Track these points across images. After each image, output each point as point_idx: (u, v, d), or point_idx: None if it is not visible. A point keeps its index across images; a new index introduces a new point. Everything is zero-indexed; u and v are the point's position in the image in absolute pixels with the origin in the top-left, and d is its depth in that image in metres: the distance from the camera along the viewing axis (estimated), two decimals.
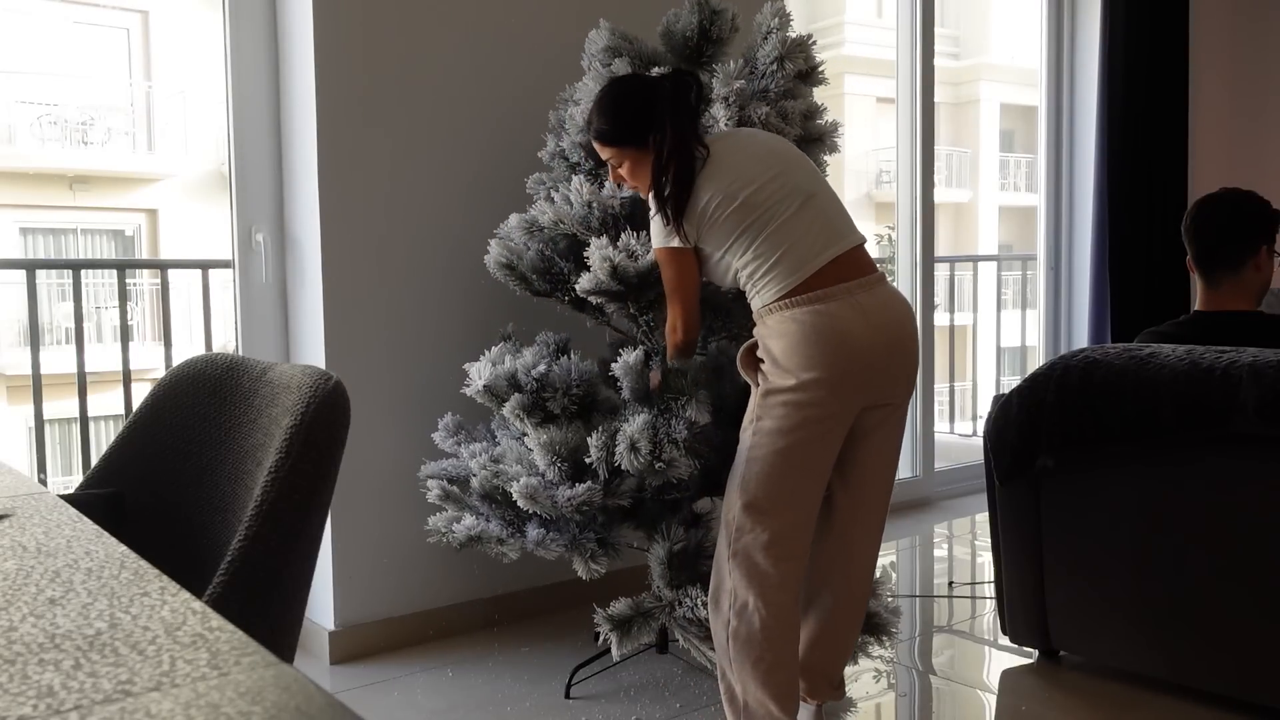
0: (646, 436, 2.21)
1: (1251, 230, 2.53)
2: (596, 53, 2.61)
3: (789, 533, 2.00)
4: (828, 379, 1.92)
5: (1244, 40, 5.43)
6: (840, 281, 1.96)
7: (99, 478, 1.66)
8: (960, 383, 7.21)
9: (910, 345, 2.04)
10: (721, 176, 2.01)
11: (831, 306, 1.93)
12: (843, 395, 1.96)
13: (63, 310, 10.04)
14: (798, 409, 1.95)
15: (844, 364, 1.93)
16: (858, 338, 1.94)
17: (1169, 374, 2.33)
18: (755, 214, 1.99)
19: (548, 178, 2.67)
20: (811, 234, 1.98)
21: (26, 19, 11.85)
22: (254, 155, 2.84)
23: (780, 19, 2.44)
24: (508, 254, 2.57)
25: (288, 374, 1.49)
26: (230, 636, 0.70)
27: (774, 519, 1.99)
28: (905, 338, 2.03)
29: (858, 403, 2.00)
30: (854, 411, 2.00)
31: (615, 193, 2.39)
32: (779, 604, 2.01)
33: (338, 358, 2.75)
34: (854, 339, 1.93)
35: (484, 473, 2.48)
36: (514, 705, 2.48)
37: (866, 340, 1.95)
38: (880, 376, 2.00)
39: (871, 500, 2.15)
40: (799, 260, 1.96)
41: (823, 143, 2.55)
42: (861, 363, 1.95)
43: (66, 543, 0.97)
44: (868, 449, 2.09)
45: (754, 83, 2.41)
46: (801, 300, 1.94)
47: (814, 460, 2.00)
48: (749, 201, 1.99)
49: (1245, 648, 2.30)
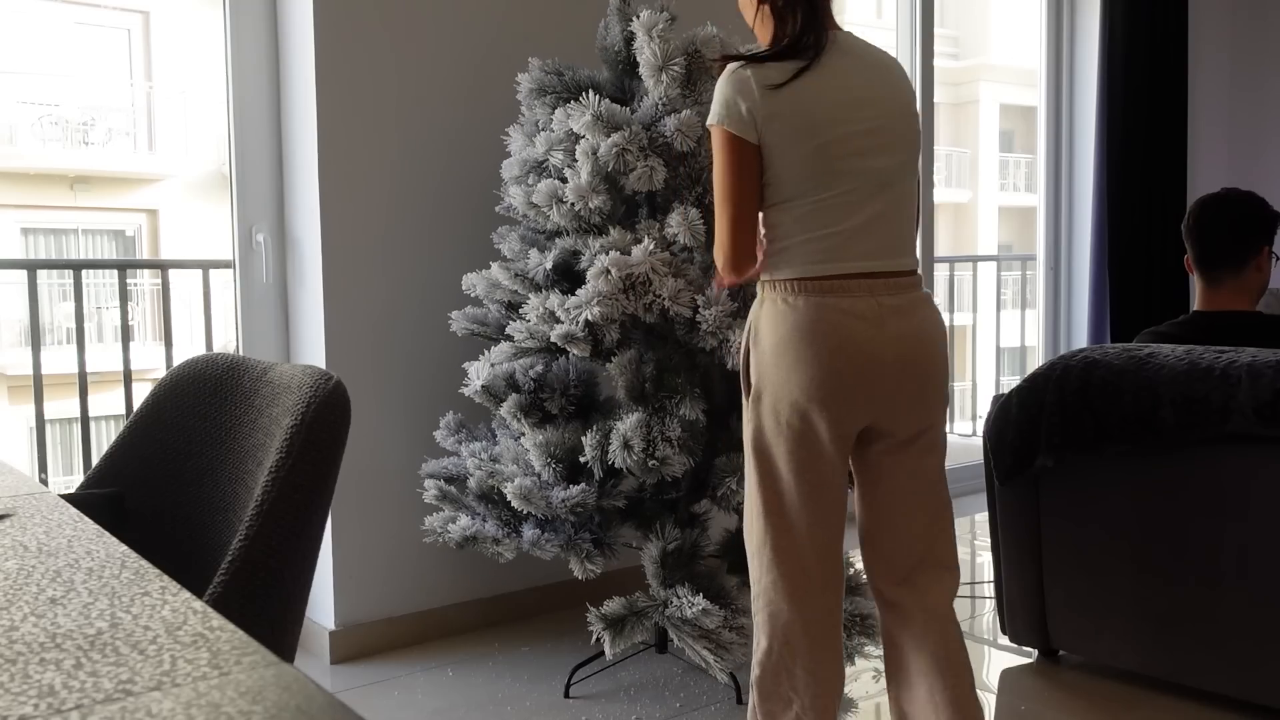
0: (640, 434, 2.21)
1: (1254, 230, 2.53)
2: (524, 95, 2.61)
3: (795, 560, 1.74)
4: (819, 387, 1.64)
5: (1244, 40, 5.43)
6: (863, 279, 1.66)
7: (100, 477, 1.66)
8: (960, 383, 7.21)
9: (930, 368, 1.70)
10: (812, 96, 1.64)
11: (843, 301, 1.64)
12: (842, 406, 1.65)
13: (64, 310, 10.04)
14: (791, 428, 1.67)
15: (839, 373, 1.64)
16: (864, 342, 1.64)
17: (1168, 374, 2.33)
18: (822, 169, 1.65)
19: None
20: (865, 234, 1.67)
21: (27, 19, 11.85)
22: (254, 155, 2.84)
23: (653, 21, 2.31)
24: (472, 324, 2.63)
25: (288, 374, 1.50)
26: (231, 636, 0.70)
27: (780, 552, 1.74)
28: (925, 359, 1.69)
29: (852, 423, 1.68)
30: (850, 433, 1.69)
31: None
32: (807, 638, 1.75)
33: (338, 358, 2.76)
34: (857, 342, 1.63)
35: (480, 473, 2.48)
36: (514, 705, 2.49)
37: (875, 348, 1.64)
38: (886, 397, 1.67)
39: (907, 552, 1.79)
40: (835, 251, 1.66)
41: None
42: (861, 373, 1.64)
43: (67, 542, 0.98)
44: (884, 492, 1.77)
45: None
46: (811, 288, 1.65)
47: (810, 489, 1.70)
48: (824, 149, 1.64)
49: (1245, 648, 2.30)
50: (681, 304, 2.24)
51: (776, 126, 1.63)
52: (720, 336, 2.23)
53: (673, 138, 2.28)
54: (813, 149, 1.63)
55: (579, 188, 2.32)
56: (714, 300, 2.22)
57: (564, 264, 2.44)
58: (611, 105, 2.33)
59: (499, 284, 2.53)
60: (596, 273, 2.24)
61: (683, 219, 2.26)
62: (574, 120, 2.34)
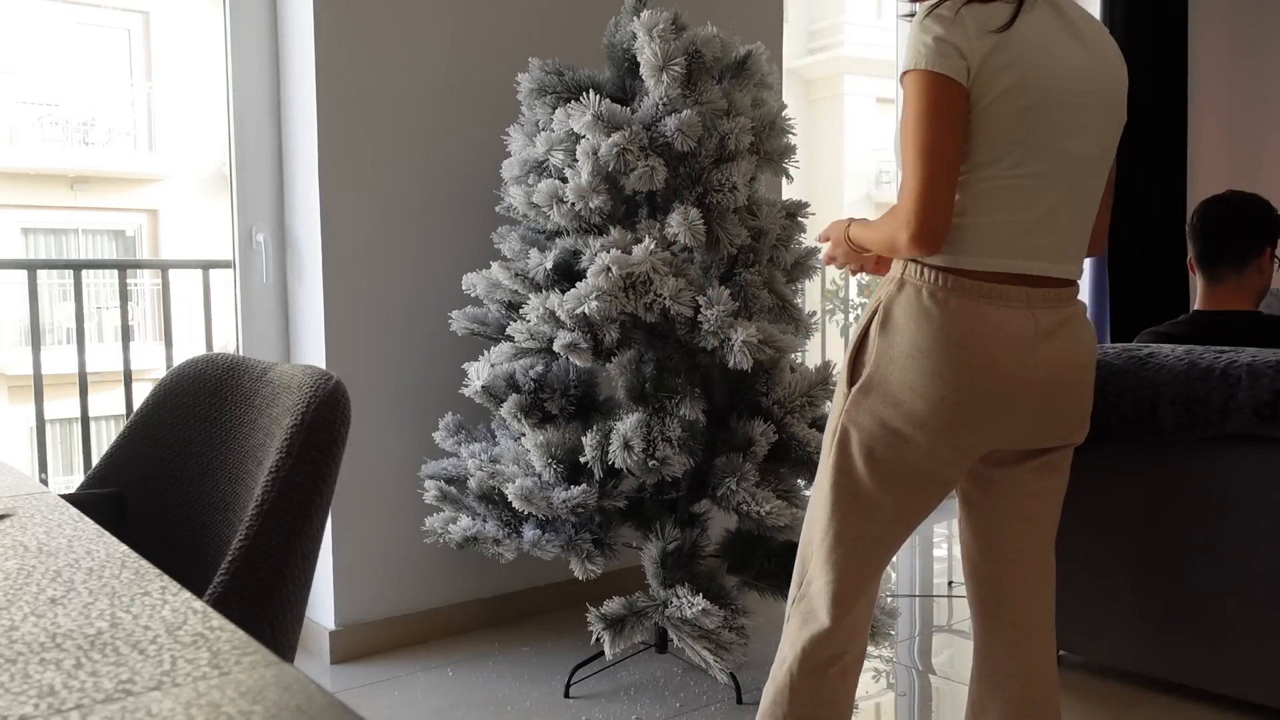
0: (640, 434, 2.21)
1: (1258, 230, 2.57)
2: (524, 95, 2.61)
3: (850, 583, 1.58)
4: (950, 408, 1.44)
5: (1244, 40, 5.43)
6: (1024, 285, 1.45)
7: (100, 477, 1.67)
8: None
9: (1076, 393, 1.52)
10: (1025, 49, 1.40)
11: (999, 313, 1.43)
12: (961, 434, 1.47)
13: (64, 310, 10.05)
14: (898, 437, 1.48)
15: (976, 397, 1.44)
16: (1011, 366, 1.44)
17: (1168, 374, 2.34)
18: (1017, 139, 1.41)
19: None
20: (1042, 227, 1.45)
21: (27, 19, 11.85)
22: (254, 155, 2.84)
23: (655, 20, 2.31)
24: (472, 324, 2.62)
25: (288, 374, 1.50)
26: (231, 636, 0.70)
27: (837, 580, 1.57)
28: (1072, 383, 1.50)
29: (974, 448, 1.50)
30: (971, 459, 1.52)
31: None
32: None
33: (338, 358, 2.76)
34: (1004, 366, 1.43)
35: (480, 473, 2.48)
36: (514, 704, 2.49)
37: (1022, 373, 1.44)
38: (1021, 423, 1.49)
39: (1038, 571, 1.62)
40: (1007, 244, 1.44)
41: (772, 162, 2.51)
42: (1000, 399, 1.45)
43: (67, 542, 0.98)
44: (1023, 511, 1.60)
45: None
46: (967, 289, 1.43)
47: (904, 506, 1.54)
48: (1026, 114, 1.40)
49: (1245, 647, 2.30)
50: (682, 303, 2.24)
51: (988, 76, 1.38)
52: (721, 336, 2.23)
53: (673, 138, 2.28)
54: (1017, 111, 1.40)
55: (579, 188, 2.32)
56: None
57: (564, 264, 2.44)
58: (612, 105, 2.33)
59: (499, 284, 2.53)
60: (597, 270, 2.24)
61: (683, 219, 2.26)
62: (574, 120, 2.34)
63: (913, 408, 1.46)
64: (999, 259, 1.44)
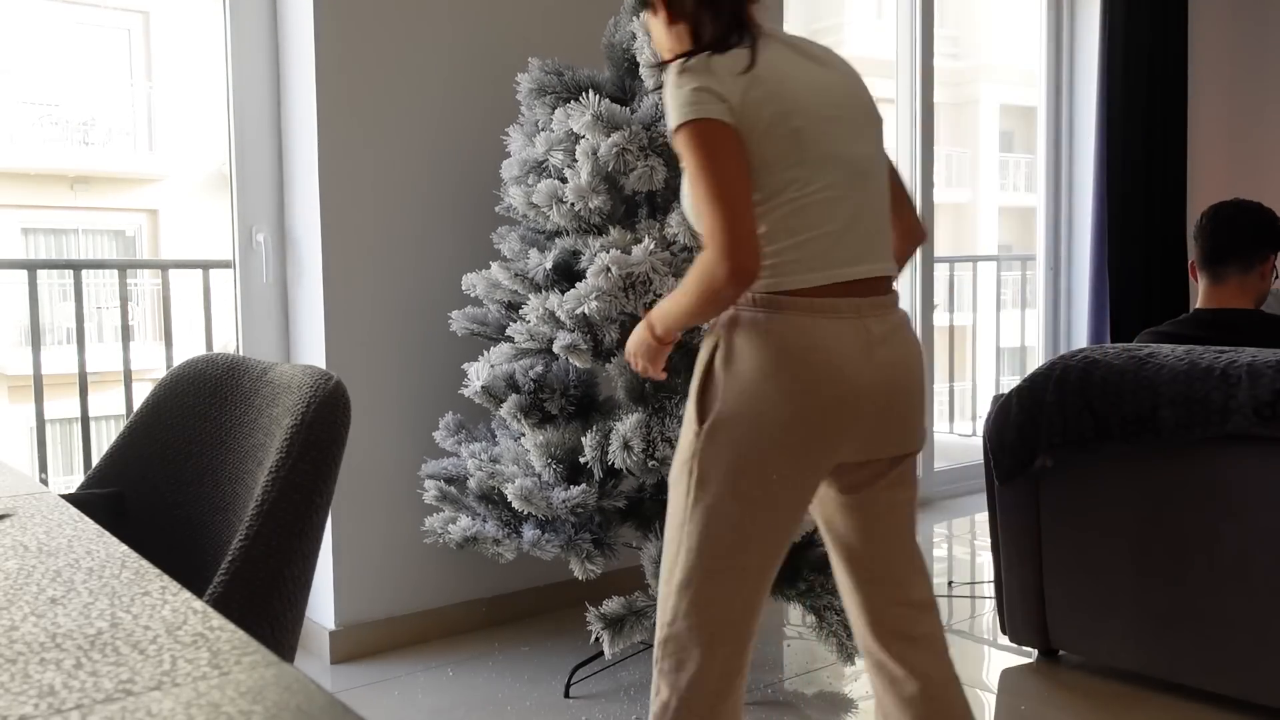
0: (639, 435, 2.21)
1: (1265, 235, 2.62)
2: (524, 95, 2.61)
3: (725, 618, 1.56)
4: (801, 423, 1.47)
5: (1244, 41, 5.43)
6: (851, 295, 1.50)
7: (100, 477, 1.67)
8: (960, 383, 7.21)
9: (913, 398, 1.57)
10: (776, 79, 1.49)
11: (832, 325, 1.48)
12: (816, 449, 1.50)
13: (64, 310, 10.04)
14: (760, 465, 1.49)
15: (824, 409, 1.48)
16: (853, 375, 1.48)
17: (1168, 374, 2.34)
18: (800, 159, 1.48)
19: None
20: (850, 234, 1.51)
21: (28, 19, 11.85)
22: (254, 155, 2.84)
23: None
24: (472, 324, 2.62)
25: (288, 374, 1.50)
26: (231, 636, 0.70)
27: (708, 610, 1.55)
28: (908, 388, 1.56)
29: (829, 461, 1.53)
30: (826, 470, 1.54)
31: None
32: None
33: (338, 358, 2.76)
34: (846, 374, 1.48)
35: (480, 473, 2.48)
36: (514, 704, 2.49)
37: (863, 380, 1.49)
38: (867, 431, 1.53)
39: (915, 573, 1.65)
40: (822, 257, 1.49)
41: None
42: (847, 408, 1.49)
43: (68, 542, 0.98)
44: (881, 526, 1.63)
45: None
46: (800, 305, 1.48)
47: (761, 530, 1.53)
48: (799, 135, 1.48)
49: (1245, 647, 2.30)
50: None
51: (751, 110, 1.46)
52: None
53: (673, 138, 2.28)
54: (789, 133, 1.47)
55: (579, 188, 2.32)
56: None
57: (564, 264, 2.44)
58: (611, 105, 2.33)
59: (499, 284, 2.53)
60: (597, 270, 2.24)
61: (683, 219, 2.26)
62: (574, 120, 2.34)
63: (769, 431, 1.48)
64: (822, 272, 1.49)
